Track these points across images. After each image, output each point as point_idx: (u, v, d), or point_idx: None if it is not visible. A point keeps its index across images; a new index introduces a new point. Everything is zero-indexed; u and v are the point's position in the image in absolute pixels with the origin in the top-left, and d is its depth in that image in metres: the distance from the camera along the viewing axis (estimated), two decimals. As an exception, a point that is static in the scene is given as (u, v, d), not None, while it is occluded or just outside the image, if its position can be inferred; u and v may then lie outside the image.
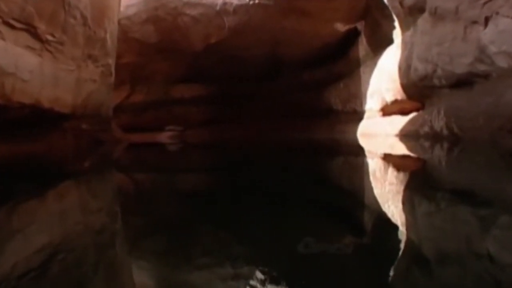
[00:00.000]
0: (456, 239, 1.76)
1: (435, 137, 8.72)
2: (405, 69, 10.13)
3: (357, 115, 15.42)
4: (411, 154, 6.87)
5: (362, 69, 15.08)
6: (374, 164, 5.49)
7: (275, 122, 20.81)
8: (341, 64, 17.22)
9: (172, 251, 1.72)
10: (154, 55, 18.63)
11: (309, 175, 4.44)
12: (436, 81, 8.60)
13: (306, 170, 4.99)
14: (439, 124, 8.55)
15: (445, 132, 8.29)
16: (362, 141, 11.29)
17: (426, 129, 9.28)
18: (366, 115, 14.73)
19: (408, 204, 2.63)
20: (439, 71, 8.35)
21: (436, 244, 1.70)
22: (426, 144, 8.08)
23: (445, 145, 7.50)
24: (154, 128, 21.44)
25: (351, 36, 16.01)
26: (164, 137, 20.90)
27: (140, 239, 1.94)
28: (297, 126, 19.74)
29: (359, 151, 8.06)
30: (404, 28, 10.39)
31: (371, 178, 4.06)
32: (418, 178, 4.00)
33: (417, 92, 10.01)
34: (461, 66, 7.56)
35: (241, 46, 17.33)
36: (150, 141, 17.29)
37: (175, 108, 21.98)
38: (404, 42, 10.41)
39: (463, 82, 7.67)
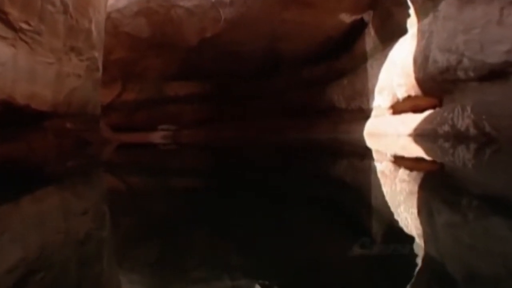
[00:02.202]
0: (489, 258, 1.57)
1: (457, 137, 7.98)
2: (421, 62, 9.28)
3: (363, 114, 14.71)
4: (427, 157, 6.24)
5: (369, 63, 14.27)
6: (389, 167, 4.98)
7: (274, 121, 20.15)
8: (345, 58, 16.46)
9: (164, 262, 1.62)
10: (146, 51, 18.20)
11: (311, 178, 4.14)
12: (461, 74, 7.69)
13: (307, 173, 4.65)
14: (463, 122, 7.66)
15: (472, 131, 7.39)
16: (369, 142, 10.69)
17: (446, 128, 8.45)
18: (373, 113, 13.98)
19: (430, 215, 2.36)
20: (465, 62, 7.43)
21: (462, 264, 1.54)
22: (446, 144, 7.43)
23: (473, 146, 6.81)
24: (147, 128, 20.96)
25: (357, 28, 15.18)
26: (157, 137, 20.35)
27: (130, 249, 1.83)
28: (297, 125, 19.08)
29: (368, 153, 7.51)
30: (421, 15, 9.52)
31: (385, 182, 3.72)
32: (441, 183, 3.61)
33: (435, 87, 9.16)
34: (495, 55, 6.66)
35: (238, 41, 16.85)
36: (142, 142, 16.80)
37: (168, 107, 21.54)
38: (421, 31, 9.55)
39: (497, 74, 6.77)
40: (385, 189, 3.35)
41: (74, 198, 3.29)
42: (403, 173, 4.28)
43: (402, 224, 2.16)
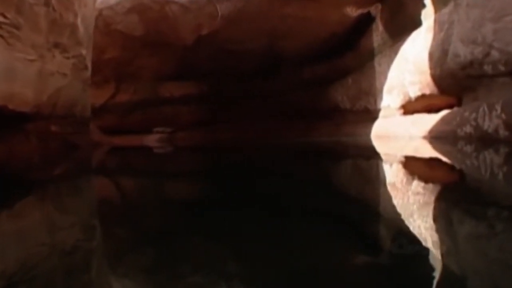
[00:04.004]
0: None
1: (482, 140, 7.22)
2: (439, 56, 8.56)
3: (370, 115, 14.08)
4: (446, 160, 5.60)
5: (376, 60, 13.57)
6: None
7: (273, 123, 19.71)
8: (349, 56, 15.78)
9: (159, 268, 1.57)
10: (140, 50, 17.67)
11: (314, 184, 3.91)
12: (487, 68, 6.94)
13: (310, 178, 4.42)
14: (491, 123, 6.90)
15: (502, 133, 6.65)
16: (377, 144, 9.92)
17: (468, 129, 7.70)
18: (381, 114, 13.30)
19: (450, 225, 2.11)
20: (494, 54, 6.67)
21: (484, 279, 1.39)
22: (468, 148, 6.73)
23: (503, 149, 6.06)
24: (142, 130, 20.58)
25: (363, 23, 14.50)
26: (151, 139, 20.12)
27: (122, 255, 1.78)
28: (298, 127, 18.66)
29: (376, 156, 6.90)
30: (439, 5, 8.83)
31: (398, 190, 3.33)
32: (463, 192, 3.16)
33: (454, 84, 8.45)
34: (532, 45, 5.79)
35: (236, 38, 16.32)
36: (136, 145, 16.62)
37: (164, 108, 21.01)
38: (438, 22, 8.83)
39: (534, 67, 5.91)
40: (396, 198, 2.98)
41: (59, 207, 3.07)
42: (418, 179, 3.89)
43: (416, 235, 1.94)
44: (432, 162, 5.35)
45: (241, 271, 1.51)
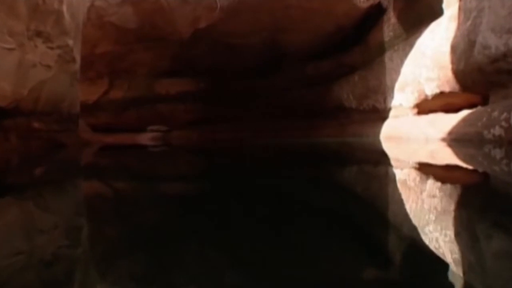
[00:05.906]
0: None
1: None
2: (464, 49, 7.76)
3: (378, 114, 13.38)
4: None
5: (387, 55, 12.78)
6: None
7: (274, 122, 19.37)
8: (356, 51, 15.02)
9: (151, 279, 1.41)
10: (134, 44, 16.98)
11: (317, 187, 3.63)
12: None
13: (312, 181, 4.11)
14: None
15: (544, 136, 5.74)
16: (387, 146, 9.10)
17: (498, 131, 6.97)
18: (392, 113, 12.55)
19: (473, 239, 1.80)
20: (536, 44, 5.75)
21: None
22: (497, 152, 6.02)
23: None
24: (136, 129, 20.30)
25: (372, 16, 13.72)
26: (145, 138, 19.86)
27: (111, 265, 1.61)
28: (300, 127, 18.24)
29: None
30: None
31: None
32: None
33: (481, 80, 7.66)
34: None
35: (236, 32, 15.67)
36: (129, 143, 16.28)
37: (159, 106, 20.56)
38: (464, 10, 8.03)
39: None
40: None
41: (38, 212, 2.78)
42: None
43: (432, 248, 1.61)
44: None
45: (241, 281, 1.38)
